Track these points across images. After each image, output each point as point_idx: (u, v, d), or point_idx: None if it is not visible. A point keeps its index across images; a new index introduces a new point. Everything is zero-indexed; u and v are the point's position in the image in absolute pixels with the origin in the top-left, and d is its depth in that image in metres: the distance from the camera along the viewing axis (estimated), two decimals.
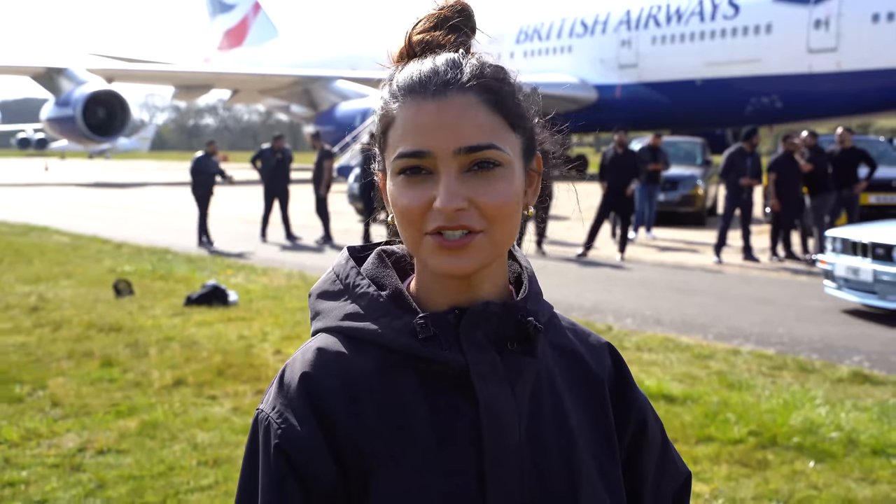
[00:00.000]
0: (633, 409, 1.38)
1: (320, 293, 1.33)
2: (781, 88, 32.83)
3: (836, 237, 10.31)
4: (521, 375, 1.22)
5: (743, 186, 14.71)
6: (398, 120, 1.19)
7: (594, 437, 1.30)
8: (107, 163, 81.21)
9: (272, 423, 1.19)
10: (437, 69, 1.19)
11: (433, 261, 1.18)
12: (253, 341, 8.59)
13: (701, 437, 5.75)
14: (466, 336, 1.20)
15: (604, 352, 1.39)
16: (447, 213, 1.14)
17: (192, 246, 16.90)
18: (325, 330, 1.27)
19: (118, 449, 5.65)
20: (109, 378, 7.31)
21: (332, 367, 1.21)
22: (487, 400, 1.19)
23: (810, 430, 5.81)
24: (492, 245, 1.18)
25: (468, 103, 1.17)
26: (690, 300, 11.09)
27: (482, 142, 1.16)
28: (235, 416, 6.30)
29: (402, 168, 1.18)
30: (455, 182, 1.15)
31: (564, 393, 1.30)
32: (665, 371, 7.46)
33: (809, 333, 9.06)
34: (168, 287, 11.85)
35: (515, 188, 1.19)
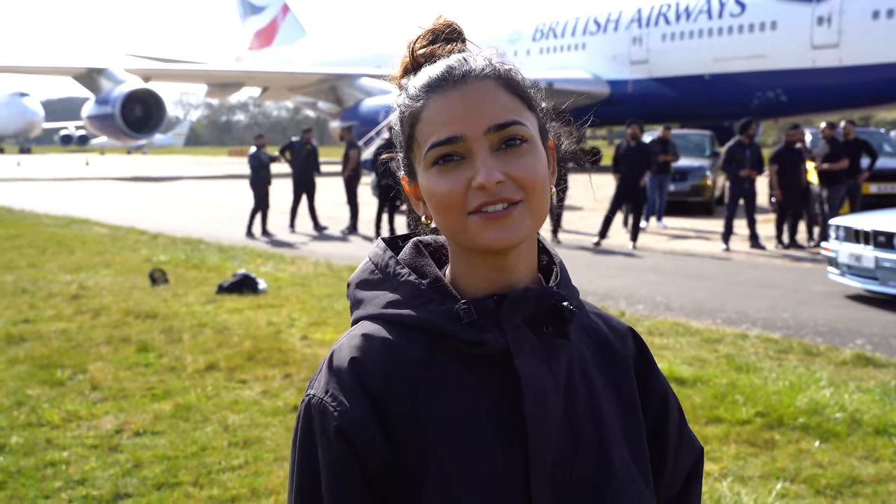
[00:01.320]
0: (656, 388, 1.40)
1: (360, 282, 1.32)
2: (786, 83, 32.70)
3: (840, 225, 10.23)
4: (555, 355, 1.24)
5: (744, 177, 14.63)
6: (425, 114, 1.20)
7: (620, 411, 1.32)
8: (144, 158, 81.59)
9: (328, 406, 1.18)
10: (451, 65, 1.21)
11: (482, 236, 1.18)
12: (281, 327, 8.58)
13: (710, 418, 5.71)
14: (507, 319, 1.21)
15: (627, 335, 1.40)
16: (489, 187, 1.16)
17: (224, 236, 16.92)
18: (368, 318, 1.26)
19: (153, 430, 5.65)
20: (145, 363, 7.32)
21: (380, 351, 1.21)
22: (528, 377, 1.19)
23: (815, 411, 5.75)
24: (531, 215, 1.19)
25: (488, 87, 1.19)
26: (699, 286, 11.01)
27: (508, 119, 1.18)
28: (265, 398, 6.29)
29: (436, 157, 1.19)
30: (490, 159, 1.17)
31: (593, 371, 1.31)
32: (676, 355, 7.41)
33: (814, 318, 8.99)
34: (201, 276, 11.86)
35: (543, 162, 1.21)
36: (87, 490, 4.72)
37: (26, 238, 16.53)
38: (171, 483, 4.81)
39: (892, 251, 9.35)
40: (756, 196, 15.00)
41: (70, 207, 23.74)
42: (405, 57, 1.28)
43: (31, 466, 5.06)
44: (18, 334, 8.33)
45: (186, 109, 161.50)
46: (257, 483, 4.77)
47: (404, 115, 1.24)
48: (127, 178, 42.28)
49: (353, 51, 54.62)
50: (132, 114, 41.83)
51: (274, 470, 4.94)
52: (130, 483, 4.81)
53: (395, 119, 1.26)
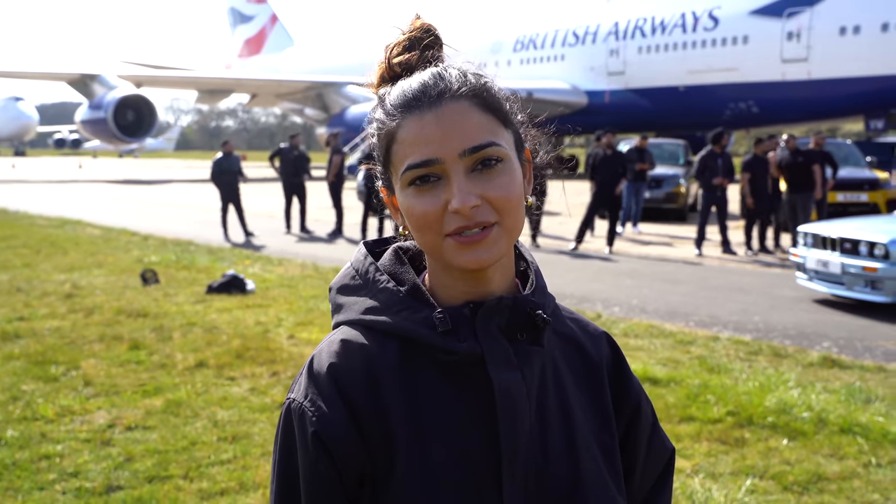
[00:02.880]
0: (629, 392, 1.39)
1: (340, 287, 1.31)
2: (757, 95, 32.87)
3: (808, 232, 10.29)
4: (529, 362, 1.23)
5: (716, 185, 14.69)
6: (400, 135, 1.18)
7: (593, 415, 1.31)
8: (135, 161, 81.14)
9: (306, 411, 1.19)
10: (426, 83, 1.19)
11: (458, 259, 1.17)
12: (269, 327, 8.57)
13: (683, 417, 5.73)
14: (482, 328, 1.20)
15: (602, 340, 1.39)
16: (464, 212, 1.14)
17: (213, 238, 16.86)
18: (348, 323, 1.26)
19: (145, 425, 5.64)
20: (137, 360, 7.29)
21: (357, 357, 1.21)
22: (501, 384, 1.19)
23: (783, 411, 5.79)
24: (506, 234, 1.18)
25: (462, 108, 1.17)
26: (673, 290, 11.05)
27: (483, 140, 1.16)
28: (253, 395, 6.28)
29: (412, 179, 1.17)
30: (465, 183, 1.15)
31: (566, 376, 1.30)
32: (650, 356, 7.44)
33: (783, 321, 9.04)
34: (191, 276, 11.83)
35: (518, 180, 1.19)
36: (81, 482, 4.70)
37: (21, 238, 16.43)
38: (162, 476, 4.80)
39: (858, 258, 9.42)
40: (727, 203, 15.07)
41: (64, 209, 23.60)
42: (382, 64, 1.27)
43: (26, 459, 5.04)
44: (13, 331, 8.29)
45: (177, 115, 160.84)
46: (245, 477, 4.76)
47: (381, 131, 1.22)
48: (119, 180, 42.05)
49: (340, 59, 54.51)
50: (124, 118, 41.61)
51: (261, 464, 4.94)
52: (122, 476, 4.79)
53: (373, 132, 1.25)
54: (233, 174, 17.53)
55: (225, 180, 17.46)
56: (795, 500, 4.53)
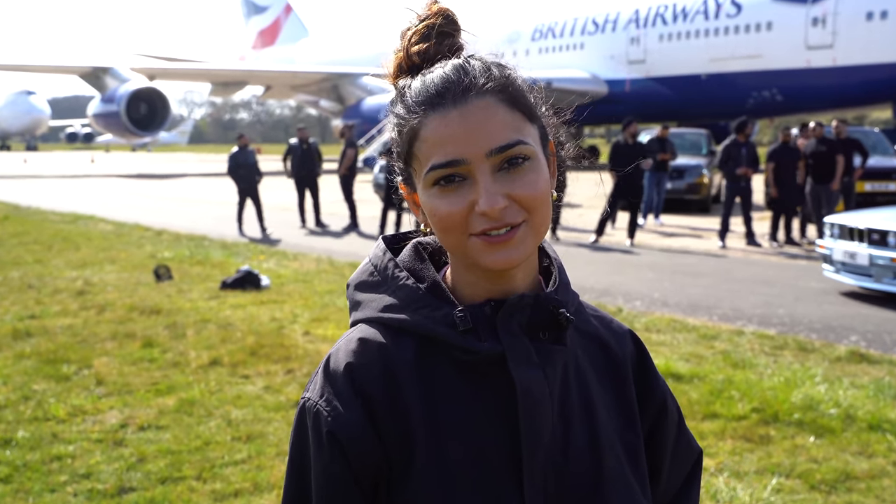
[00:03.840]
0: (655, 391, 1.38)
1: (358, 284, 1.30)
2: (781, 83, 32.68)
3: (834, 223, 10.21)
4: (551, 361, 1.22)
5: (740, 175, 14.60)
6: (423, 133, 1.17)
7: (618, 415, 1.31)
8: (148, 155, 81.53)
9: (321, 410, 1.18)
10: (448, 78, 1.17)
11: (484, 259, 1.16)
12: (284, 323, 8.57)
13: (707, 414, 5.70)
14: (503, 326, 1.20)
15: (626, 338, 1.39)
16: (493, 214, 1.13)
17: (227, 233, 16.90)
18: (366, 321, 1.25)
19: (158, 425, 5.65)
20: (150, 358, 7.31)
21: (375, 356, 1.20)
22: (523, 383, 1.18)
23: (810, 407, 5.74)
24: (534, 233, 1.18)
25: (488, 105, 1.15)
26: (696, 283, 11.00)
27: (510, 139, 1.15)
28: (267, 394, 6.28)
29: (436, 179, 1.16)
30: (492, 183, 1.14)
31: (590, 375, 1.30)
32: (672, 351, 7.40)
33: (809, 314, 8.97)
34: (204, 272, 11.85)
35: (544, 176, 1.18)
36: (93, 484, 4.71)
37: (32, 235, 16.51)
38: (175, 477, 4.80)
39: (886, 248, 9.34)
40: (752, 194, 14.98)
41: (76, 204, 23.72)
42: (399, 54, 1.25)
43: (37, 460, 5.05)
44: (25, 330, 8.32)
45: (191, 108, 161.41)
46: (260, 477, 4.76)
47: (403, 128, 1.20)
48: (132, 175, 42.25)
49: (355, 50, 54.55)
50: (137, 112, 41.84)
51: (276, 464, 4.93)
52: (135, 477, 4.80)
53: (393, 127, 1.23)
54: (249, 168, 17.59)
55: (241, 174, 17.53)
56: (823, 499, 4.49)
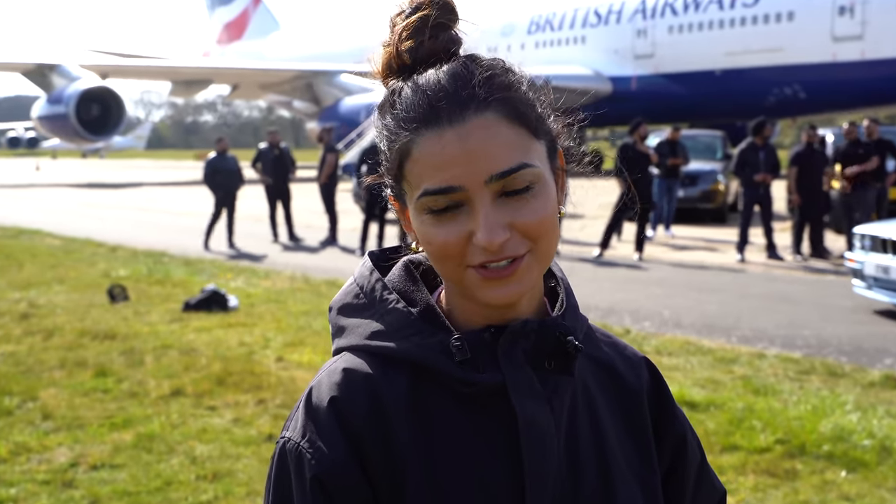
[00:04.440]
0: (673, 425, 1.37)
1: (342, 307, 1.28)
2: (804, 78, 32.79)
3: (865, 234, 10.24)
4: (557, 392, 1.22)
5: (758, 182, 14.64)
6: (415, 153, 1.14)
7: (632, 450, 1.30)
8: (101, 162, 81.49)
9: (304, 452, 1.16)
10: (445, 90, 1.13)
11: (482, 294, 1.15)
12: (254, 348, 8.56)
13: (725, 446, 5.71)
14: (504, 355, 1.19)
15: (641, 366, 1.38)
16: (492, 248, 1.11)
17: (190, 248, 16.88)
18: (351, 349, 1.24)
19: (112, 463, 5.62)
20: (103, 388, 7.28)
21: (362, 389, 1.19)
22: (526, 417, 1.17)
23: (841, 438, 5.75)
24: (538, 263, 1.17)
25: (489, 123, 1.12)
26: (712, 301, 11.03)
27: (513, 164, 1.12)
28: (236, 427, 6.26)
29: (429, 207, 1.14)
30: (493, 212, 1.12)
31: (601, 407, 1.29)
32: (686, 376, 7.41)
33: (838, 335, 9.00)
34: (165, 292, 11.83)
35: (552, 199, 1.17)
36: None
37: None
38: None
39: None
40: (772, 202, 15.03)
41: (18, 217, 23.63)
42: (388, 49, 1.21)
43: None
44: None
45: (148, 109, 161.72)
46: None
47: (392, 144, 1.17)
48: (82, 184, 42.19)
49: (332, 45, 54.64)
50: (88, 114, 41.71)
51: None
52: None
53: (381, 138, 1.20)
54: (227, 174, 17.58)
55: (219, 181, 17.52)
56: None
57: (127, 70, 52.51)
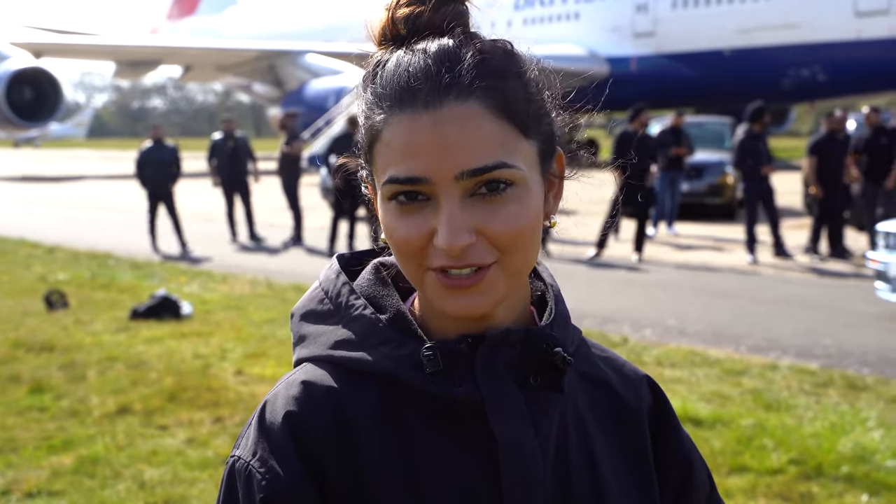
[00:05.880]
0: (678, 450, 1.37)
1: (305, 313, 1.28)
2: (824, 58, 32.80)
3: (890, 232, 10.28)
4: (545, 412, 1.21)
5: (763, 174, 14.70)
6: (385, 135, 1.13)
7: (629, 479, 1.29)
8: (36, 152, 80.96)
9: (254, 472, 1.15)
10: (428, 69, 1.12)
11: (440, 302, 1.14)
12: (211, 360, 8.56)
13: (734, 467, 5.74)
14: (483, 368, 1.18)
15: (641, 384, 1.37)
16: (452, 252, 1.10)
17: (138, 249, 16.84)
18: (312, 359, 1.23)
19: (50, 490, 5.61)
20: (40, 406, 7.27)
21: (323, 404, 1.18)
22: (508, 441, 1.16)
23: (862, 458, 5.80)
24: (507, 276, 1.15)
25: (469, 113, 1.10)
26: (719, 306, 11.09)
27: (489, 161, 1.10)
28: (190, 448, 6.27)
29: (394, 193, 1.13)
30: (458, 213, 1.10)
31: (594, 430, 1.28)
32: (691, 390, 7.45)
33: (860, 344, 9.06)
34: (110, 298, 11.81)
35: (532, 208, 1.15)
36: None
37: None
38: None
39: None
40: (775, 195, 15.12)
41: None
42: (384, 18, 1.19)
43: None
44: None
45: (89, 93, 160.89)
46: None
47: (367, 121, 1.17)
48: (15, 177, 41.98)
49: (297, 22, 54.54)
50: (20, 98, 41.32)
51: None
52: None
53: (360, 112, 1.20)
54: (161, 166, 17.42)
55: (150, 174, 17.39)
56: None
57: (65, 48, 52.12)
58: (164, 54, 52.16)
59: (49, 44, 49.76)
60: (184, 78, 59.08)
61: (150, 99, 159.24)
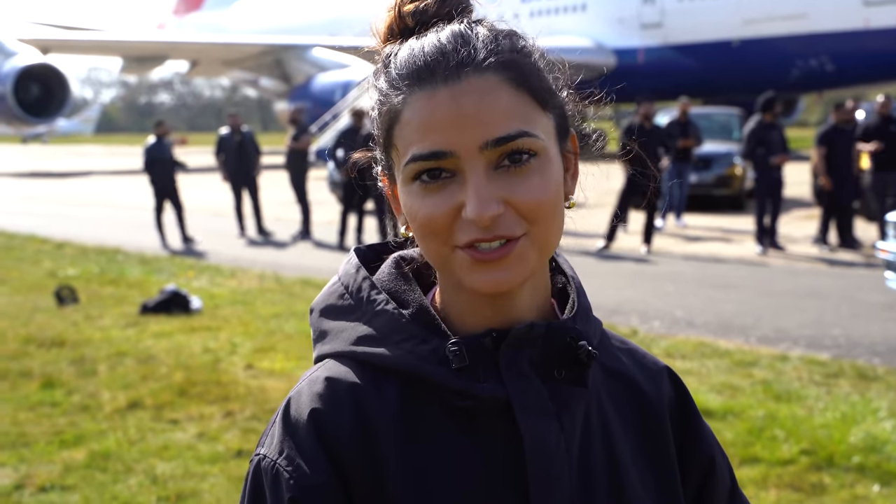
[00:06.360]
0: (700, 443, 1.37)
1: (325, 309, 1.28)
2: (832, 48, 32.68)
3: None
4: (569, 407, 1.20)
5: (774, 165, 14.68)
6: (405, 115, 1.14)
7: (651, 474, 1.29)
8: (44, 148, 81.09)
9: (281, 471, 1.15)
10: (443, 48, 1.13)
11: (470, 278, 1.14)
12: (220, 354, 8.57)
13: (745, 458, 5.74)
14: (507, 364, 1.17)
15: (662, 377, 1.37)
16: (482, 222, 1.10)
17: (146, 244, 16.87)
18: (334, 355, 1.23)
19: (63, 485, 5.62)
20: (51, 401, 7.28)
21: (347, 401, 1.18)
22: (533, 436, 1.16)
23: (873, 448, 5.79)
24: (536, 250, 1.15)
25: (488, 85, 1.12)
26: (728, 298, 11.07)
27: (511, 130, 1.11)
28: (201, 442, 6.28)
29: (417, 173, 1.13)
30: (485, 184, 1.11)
31: (617, 424, 1.28)
32: (701, 381, 7.44)
33: (870, 334, 9.05)
34: (119, 293, 11.83)
35: (555, 179, 1.16)
36: None
37: None
38: None
39: None
40: (783, 186, 15.12)
41: None
42: (391, 12, 1.22)
43: None
44: None
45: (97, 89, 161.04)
46: None
47: (382, 106, 1.17)
48: (23, 173, 42.06)
49: (303, 16, 54.39)
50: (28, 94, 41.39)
51: None
52: None
53: (373, 106, 1.21)
54: (166, 163, 17.55)
55: (157, 171, 17.47)
56: None
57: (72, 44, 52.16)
58: (170, 49, 52.17)
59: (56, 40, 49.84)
60: (190, 73, 59.08)
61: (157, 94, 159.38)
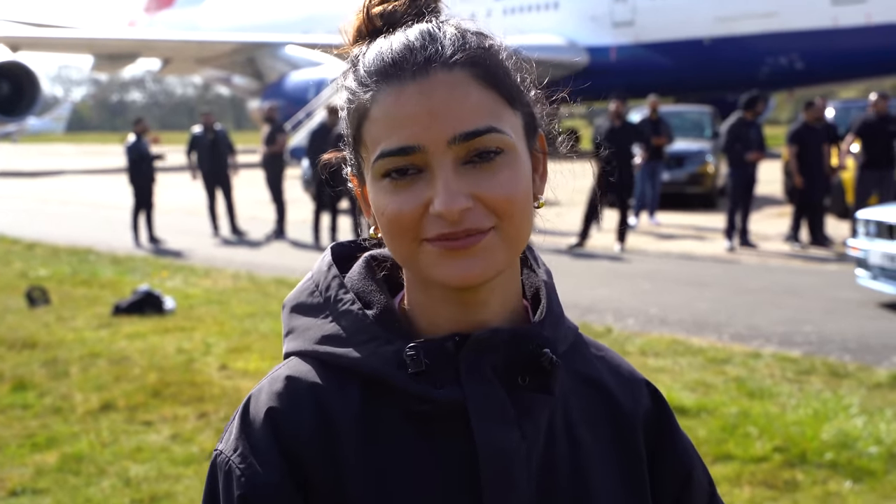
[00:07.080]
0: (677, 458, 1.34)
1: (296, 305, 1.27)
2: (802, 46, 32.88)
3: (870, 219, 10.31)
4: (531, 415, 1.18)
5: (749, 161, 14.76)
6: (374, 112, 1.13)
7: (621, 487, 1.26)
8: (14, 147, 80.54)
9: (234, 468, 1.15)
10: (411, 45, 1.13)
11: (437, 271, 1.13)
12: (194, 355, 8.54)
13: (718, 455, 5.76)
14: (468, 369, 1.16)
15: (639, 387, 1.35)
16: (451, 216, 1.09)
17: (119, 244, 16.79)
18: (299, 353, 1.22)
19: (35, 488, 5.59)
20: (23, 404, 7.24)
21: (306, 401, 1.17)
22: (489, 443, 1.14)
23: (845, 445, 5.82)
24: (505, 244, 1.13)
25: (456, 81, 1.12)
26: (702, 295, 11.12)
27: (480, 125, 1.11)
28: (175, 444, 6.26)
29: (386, 170, 1.12)
30: (454, 178, 1.10)
31: (585, 431, 1.25)
32: (674, 379, 7.47)
33: (841, 331, 9.10)
34: (91, 293, 11.77)
35: (524, 175, 1.15)
36: None
37: None
38: None
39: None
40: (756, 184, 15.22)
41: None
42: (359, 14, 1.21)
43: None
44: None
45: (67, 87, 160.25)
46: None
47: (351, 105, 1.17)
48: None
49: (276, 13, 54.25)
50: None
51: None
52: None
53: (342, 105, 1.20)
54: (147, 161, 17.60)
55: (141, 170, 17.48)
56: None
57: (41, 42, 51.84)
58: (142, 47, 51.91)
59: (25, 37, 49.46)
60: (163, 71, 58.88)
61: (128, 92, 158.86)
